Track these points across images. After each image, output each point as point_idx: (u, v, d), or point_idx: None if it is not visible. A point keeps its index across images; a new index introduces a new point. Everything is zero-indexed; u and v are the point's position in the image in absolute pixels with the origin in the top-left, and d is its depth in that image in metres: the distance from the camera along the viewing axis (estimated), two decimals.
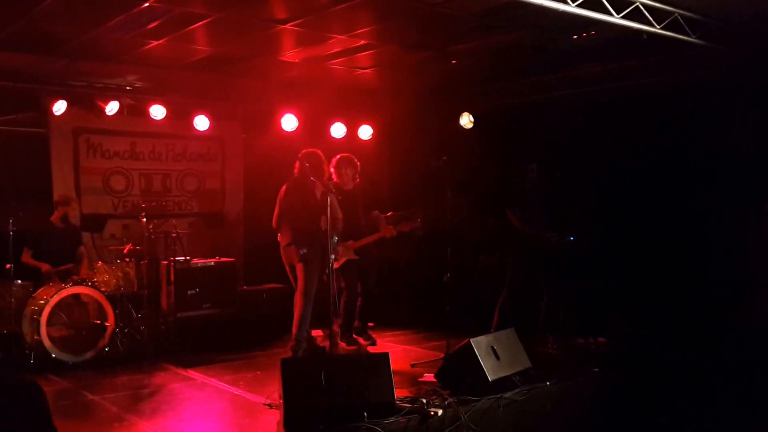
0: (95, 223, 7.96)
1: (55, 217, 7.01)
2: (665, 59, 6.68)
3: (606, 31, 5.99)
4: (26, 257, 6.81)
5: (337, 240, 6.28)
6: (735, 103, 6.52)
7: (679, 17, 5.76)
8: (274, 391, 4.94)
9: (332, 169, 6.86)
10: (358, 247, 6.86)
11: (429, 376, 5.56)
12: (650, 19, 5.59)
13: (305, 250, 6.22)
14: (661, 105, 6.96)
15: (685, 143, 6.79)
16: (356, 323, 7.06)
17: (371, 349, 6.88)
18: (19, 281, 6.49)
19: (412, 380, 5.61)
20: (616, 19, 5.40)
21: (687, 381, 5.78)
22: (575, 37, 6.40)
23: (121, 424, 4.71)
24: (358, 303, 7.04)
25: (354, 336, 7.00)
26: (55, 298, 6.23)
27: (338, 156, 6.97)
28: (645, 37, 5.74)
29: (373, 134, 9.10)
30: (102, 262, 7.15)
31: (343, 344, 6.82)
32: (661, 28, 5.69)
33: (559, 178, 6.78)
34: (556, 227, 6.67)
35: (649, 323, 6.76)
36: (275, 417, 4.69)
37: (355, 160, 7.03)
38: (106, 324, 6.40)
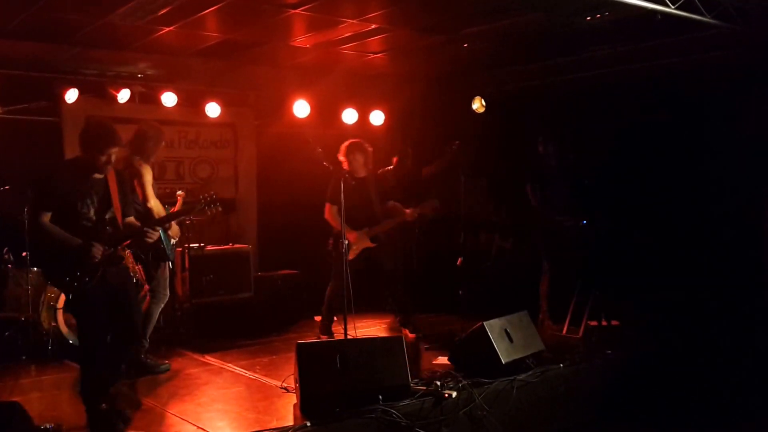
0: None
1: None
2: (680, 40, 6.58)
3: (619, 11, 5.90)
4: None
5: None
6: (752, 84, 6.44)
7: None
8: (290, 374, 4.97)
9: (342, 156, 6.63)
10: (374, 234, 6.76)
11: (443, 359, 5.59)
12: None
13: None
14: (676, 87, 6.88)
15: (700, 125, 6.72)
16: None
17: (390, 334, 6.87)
18: (36, 268, 6.54)
19: (427, 363, 5.63)
20: None
21: (699, 364, 5.78)
22: (588, 18, 6.33)
23: (140, 409, 4.75)
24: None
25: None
26: None
27: (348, 142, 6.71)
28: (659, 17, 5.65)
29: (384, 120, 9.08)
30: None
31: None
32: (676, 8, 5.58)
33: (572, 161, 6.74)
34: (572, 210, 6.63)
35: (662, 306, 6.74)
36: (291, 400, 4.74)
37: (366, 145, 6.74)
38: None
